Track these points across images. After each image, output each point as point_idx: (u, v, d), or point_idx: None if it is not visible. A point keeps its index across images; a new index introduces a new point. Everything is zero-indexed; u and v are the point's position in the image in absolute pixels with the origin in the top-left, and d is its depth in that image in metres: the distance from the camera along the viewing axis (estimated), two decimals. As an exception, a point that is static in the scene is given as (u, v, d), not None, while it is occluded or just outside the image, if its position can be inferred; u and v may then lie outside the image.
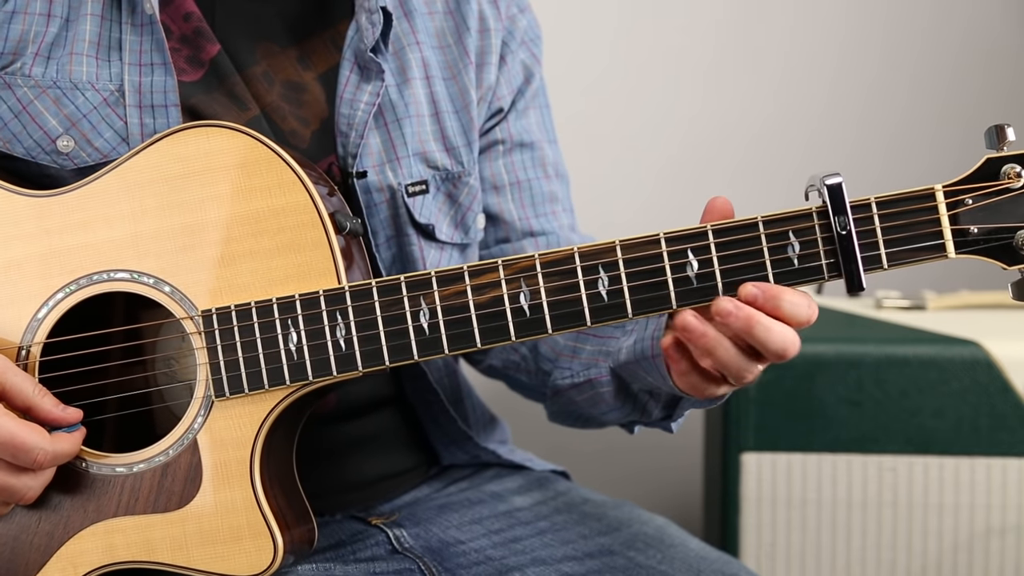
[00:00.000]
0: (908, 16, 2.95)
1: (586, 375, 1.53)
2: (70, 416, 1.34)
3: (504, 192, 1.66)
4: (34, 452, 1.29)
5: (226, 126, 1.35)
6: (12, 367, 1.32)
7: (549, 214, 1.68)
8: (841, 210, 1.24)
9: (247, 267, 1.34)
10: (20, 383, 1.32)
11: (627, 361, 1.41)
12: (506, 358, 1.67)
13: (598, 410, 1.54)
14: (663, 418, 1.50)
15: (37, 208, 1.38)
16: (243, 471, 1.34)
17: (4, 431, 1.28)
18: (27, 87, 1.44)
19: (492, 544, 1.55)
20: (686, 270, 1.27)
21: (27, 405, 1.32)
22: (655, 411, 1.49)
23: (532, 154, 1.69)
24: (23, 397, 1.32)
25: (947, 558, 2.11)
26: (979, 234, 1.24)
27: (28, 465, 1.30)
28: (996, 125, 1.26)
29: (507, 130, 1.67)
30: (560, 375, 1.57)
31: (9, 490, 1.31)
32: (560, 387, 1.58)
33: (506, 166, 1.67)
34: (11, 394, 1.32)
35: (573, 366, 1.55)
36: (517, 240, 1.66)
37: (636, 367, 1.41)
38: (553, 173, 1.71)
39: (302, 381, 1.32)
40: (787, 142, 2.95)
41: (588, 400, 1.54)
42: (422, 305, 1.31)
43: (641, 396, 1.48)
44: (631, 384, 1.46)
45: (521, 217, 1.67)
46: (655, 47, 2.93)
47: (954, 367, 2.11)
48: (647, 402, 1.48)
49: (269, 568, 1.33)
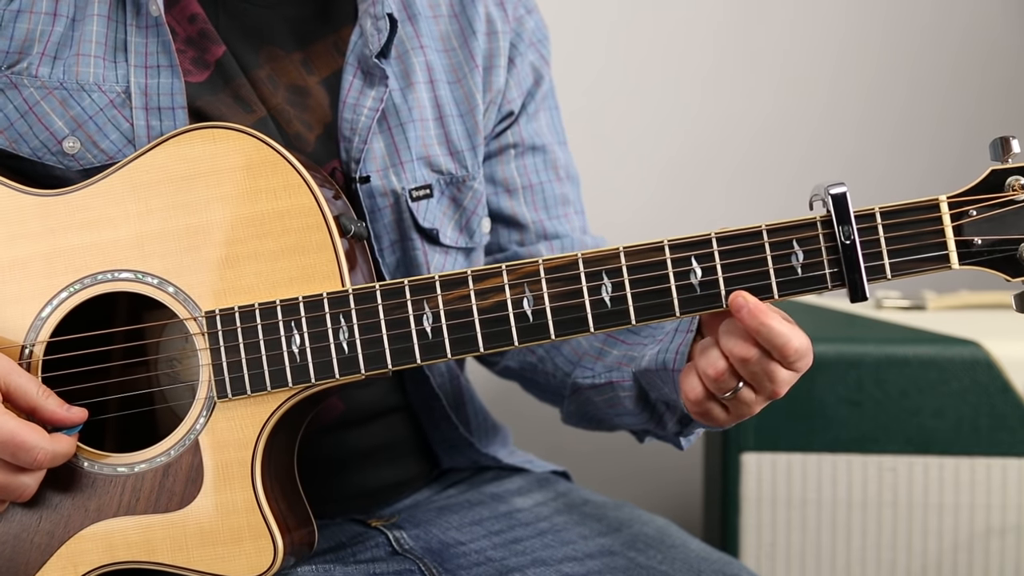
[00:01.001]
0: (908, 16, 2.94)
1: (608, 377, 1.53)
2: (74, 416, 1.34)
3: (517, 195, 1.66)
4: (34, 451, 1.29)
5: (232, 128, 1.35)
6: (16, 368, 1.33)
7: (562, 216, 1.69)
8: (845, 219, 1.24)
9: (251, 269, 1.34)
10: (24, 384, 1.32)
11: (647, 369, 1.42)
12: (523, 359, 1.67)
13: (615, 412, 1.55)
14: (676, 433, 1.51)
15: (42, 207, 1.38)
16: (244, 472, 1.34)
17: (5, 430, 1.28)
18: (33, 87, 1.44)
19: (492, 545, 1.55)
20: (690, 277, 1.27)
21: (31, 406, 1.32)
22: (670, 424, 1.49)
23: (544, 157, 1.69)
24: (28, 398, 1.32)
25: (947, 558, 2.12)
26: (983, 246, 1.25)
27: (28, 464, 1.30)
28: (1001, 137, 1.26)
29: (519, 133, 1.67)
30: (582, 374, 1.58)
31: (7, 488, 1.32)
32: (581, 386, 1.58)
33: (519, 169, 1.67)
34: (15, 395, 1.32)
35: (596, 367, 1.55)
36: (532, 244, 1.67)
37: (655, 376, 1.41)
38: (565, 175, 1.71)
39: (304, 383, 1.33)
40: (787, 142, 2.94)
41: (606, 402, 1.55)
42: (425, 309, 1.31)
43: (659, 406, 1.49)
44: (650, 392, 1.47)
45: (535, 220, 1.67)
46: (655, 47, 2.93)
47: (954, 367, 2.11)
48: (664, 413, 1.49)
49: (269, 570, 1.33)
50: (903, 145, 2.95)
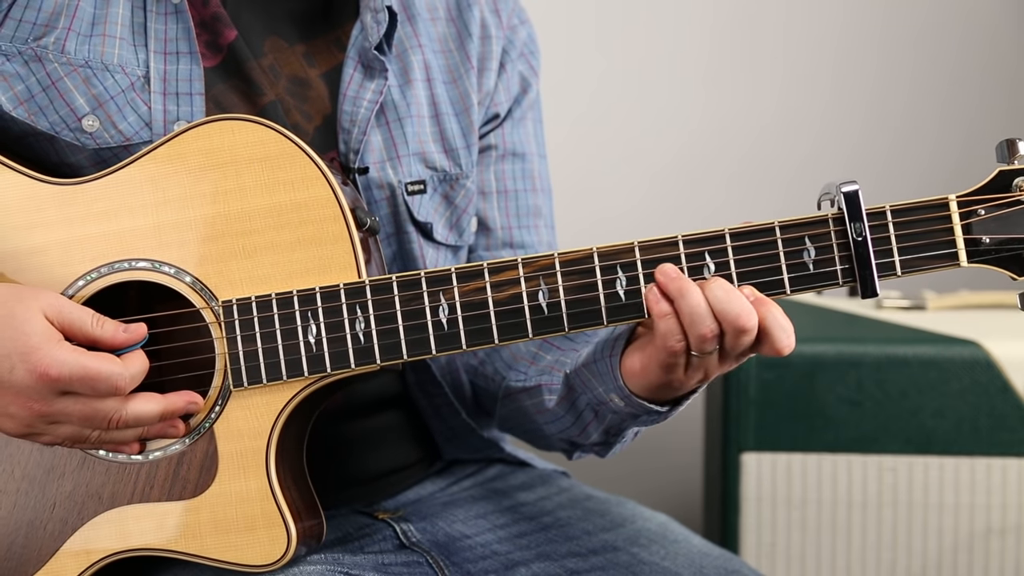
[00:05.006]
0: (908, 16, 2.95)
1: (538, 380, 1.53)
2: (135, 335, 1.33)
3: (491, 199, 1.67)
4: (112, 379, 1.28)
5: (251, 120, 1.36)
6: (67, 302, 1.32)
7: (531, 227, 1.69)
8: (857, 217, 1.26)
9: (268, 259, 1.35)
10: (79, 317, 1.31)
11: (583, 364, 1.40)
12: (465, 361, 1.66)
13: (543, 419, 1.53)
14: (599, 443, 1.50)
15: (60, 196, 1.39)
16: (259, 461, 1.35)
17: (77, 366, 1.28)
18: (58, 63, 1.44)
19: (498, 539, 1.56)
20: (703, 272, 1.28)
21: (91, 337, 1.31)
22: (593, 433, 1.47)
23: (523, 165, 1.70)
24: (85, 330, 1.31)
25: (947, 558, 2.13)
26: (991, 244, 1.26)
27: (111, 392, 1.29)
28: (1007, 140, 1.28)
29: (501, 137, 1.68)
30: (515, 377, 1.57)
31: (95, 416, 1.30)
32: (512, 389, 1.58)
33: (496, 173, 1.67)
34: (72, 330, 1.31)
35: (529, 371, 1.56)
36: (496, 249, 1.67)
37: (589, 371, 1.39)
38: (540, 187, 1.71)
39: (320, 373, 1.34)
40: (788, 141, 2.96)
41: (535, 406, 1.54)
42: (441, 300, 1.32)
43: (585, 413, 1.46)
44: (579, 396, 1.45)
45: (504, 226, 1.67)
46: (656, 46, 2.94)
47: (954, 367, 2.12)
48: (589, 422, 1.46)
49: (282, 558, 1.34)
50: (903, 146, 2.96)
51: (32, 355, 1.27)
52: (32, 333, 1.28)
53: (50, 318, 1.30)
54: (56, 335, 1.29)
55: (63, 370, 1.27)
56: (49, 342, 1.28)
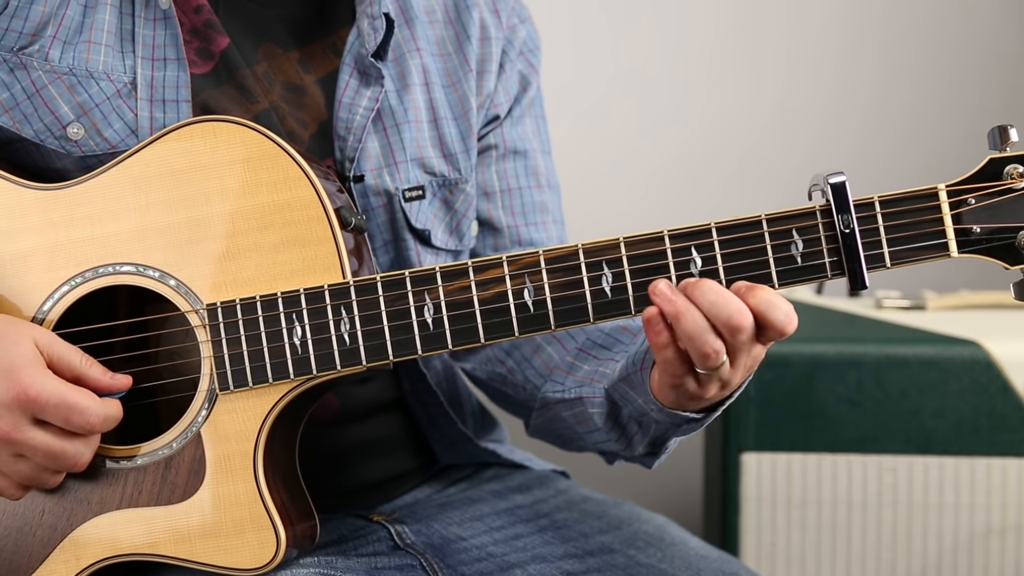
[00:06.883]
0: (908, 15, 2.95)
1: (578, 392, 1.52)
2: (119, 383, 1.34)
3: (495, 199, 1.67)
4: (87, 414, 1.29)
5: (233, 121, 1.36)
6: (57, 338, 1.33)
7: (539, 224, 1.68)
8: (844, 208, 1.25)
9: (252, 261, 1.34)
10: (68, 353, 1.32)
11: (620, 378, 1.41)
12: (491, 371, 1.66)
13: (584, 428, 1.53)
14: (645, 454, 1.50)
15: (43, 201, 1.38)
16: (247, 464, 1.34)
17: (56, 393, 1.28)
18: (42, 71, 1.44)
19: (493, 541, 1.55)
20: (690, 267, 1.27)
21: (76, 375, 1.32)
22: (639, 446, 1.47)
23: (525, 162, 1.69)
24: (72, 367, 1.32)
25: (947, 558, 2.12)
26: (981, 234, 1.25)
27: (81, 428, 1.30)
28: (999, 126, 1.26)
29: (501, 135, 1.68)
30: (552, 388, 1.57)
31: (63, 456, 1.31)
32: (550, 400, 1.57)
33: (498, 173, 1.67)
34: (59, 364, 1.31)
35: (567, 382, 1.55)
36: (505, 249, 1.66)
37: (627, 384, 1.40)
38: (545, 183, 1.71)
39: (306, 375, 1.33)
40: (788, 139, 2.95)
41: (575, 417, 1.53)
42: (426, 300, 1.31)
43: (630, 427, 1.46)
44: (622, 409, 1.45)
45: (511, 225, 1.67)
46: (656, 47, 2.93)
47: (954, 367, 2.11)
48: (634, 435, 1.47)
49: (272, 562, 1.34)
50: (903, 145, 2.96)
51: (16, 372, 1.28)
52: (20, 355, 1.29)
53: (40, 347, 1.31)
54: (43, 362, 1.30)
55: (42, 393, 1.28)
56: (35, 366, 1.29)
